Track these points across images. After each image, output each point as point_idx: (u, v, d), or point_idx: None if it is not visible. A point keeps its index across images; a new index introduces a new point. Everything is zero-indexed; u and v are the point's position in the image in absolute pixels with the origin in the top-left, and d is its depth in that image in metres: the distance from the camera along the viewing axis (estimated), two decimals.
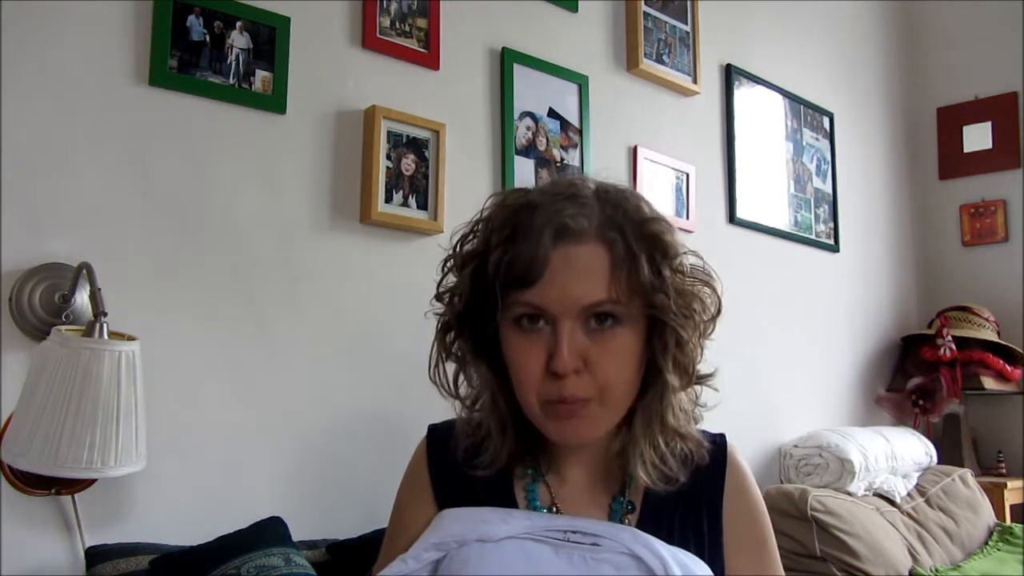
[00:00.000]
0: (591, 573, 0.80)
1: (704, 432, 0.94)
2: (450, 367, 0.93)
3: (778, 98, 2.79)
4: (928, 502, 2.59)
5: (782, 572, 0.93)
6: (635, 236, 0.82)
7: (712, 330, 0.89)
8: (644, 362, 0.84)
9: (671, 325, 0.82)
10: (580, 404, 0.80)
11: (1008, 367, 3.00)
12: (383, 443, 1.59)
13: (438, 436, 0.96)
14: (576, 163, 2.05)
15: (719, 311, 0.89)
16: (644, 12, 2.27)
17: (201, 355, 1.41)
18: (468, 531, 0.83)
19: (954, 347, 2.93)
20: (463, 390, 0.92)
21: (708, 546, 0.89)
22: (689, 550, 0.86)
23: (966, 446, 3.08)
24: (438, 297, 0.91)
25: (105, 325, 1.17)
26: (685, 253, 0.88)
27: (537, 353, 0.80)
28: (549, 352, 0.79)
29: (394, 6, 1.73)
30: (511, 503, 0.90)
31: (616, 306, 0.80)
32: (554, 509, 0.89)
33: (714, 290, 0.89)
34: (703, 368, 0.88)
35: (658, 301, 0.82)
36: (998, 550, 2.58)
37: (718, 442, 0.95)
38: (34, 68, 1.28)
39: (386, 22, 1.72)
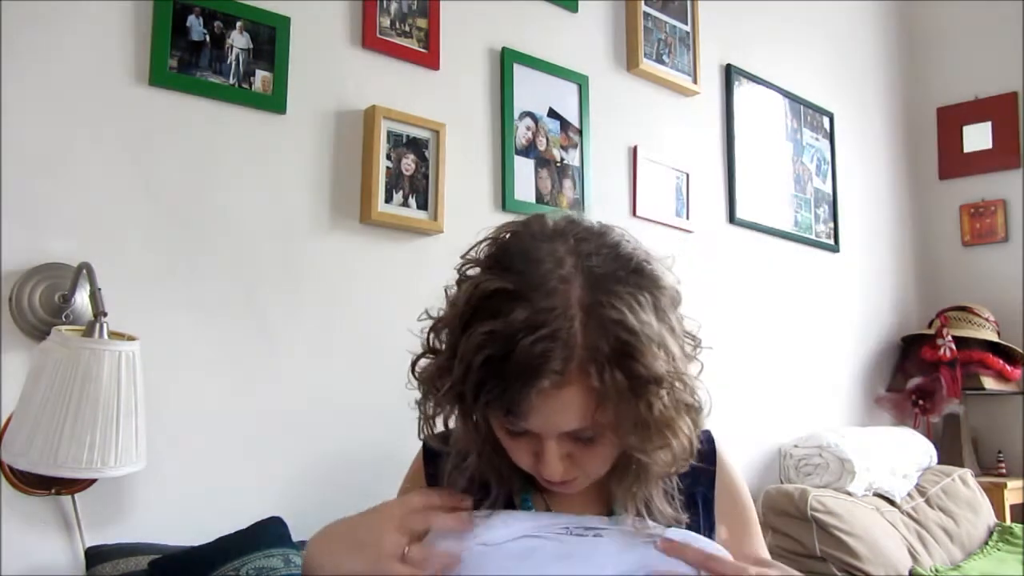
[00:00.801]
0: (592, 552, 0.80)
1: None
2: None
3: (778, 98, 2.79)
4: (928, 502, 2.59)
5: (766, 552, 0.96)
6: (616, 367, 0.76)
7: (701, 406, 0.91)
8: None
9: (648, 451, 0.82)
10: (568, 483, 0.83)
11: (1008, 367, 3.00)
12: (383, 443, 1.59)
13: (433, 454, 0.93)
14: (576, 163, 2.05)
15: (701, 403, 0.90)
16: (644, 12, 2.27)
17: (201, 355, 1.41)
18: (469, 536, 0.83)
19: (954, 347, 2.93)
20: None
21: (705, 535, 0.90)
22: None
23: (966, 446, 3.08)
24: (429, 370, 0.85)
25: (105, 325, 1.17)
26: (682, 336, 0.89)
27: (526, 450, 0.82)
28: (536, 453, 0.81)
29: (394, 6, 1.73)
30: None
31: (596, 427, 0.79)
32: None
33: (697, 370, 0.91)
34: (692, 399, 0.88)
35: (639, 428, 0.79)
36: (998, 550, 2.58)
37: (706, 439, 0.97)
38: (34, 68, 1.28)
39: (386, 22, 1.72)
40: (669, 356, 0.80)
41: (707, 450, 0.95)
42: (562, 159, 2.02)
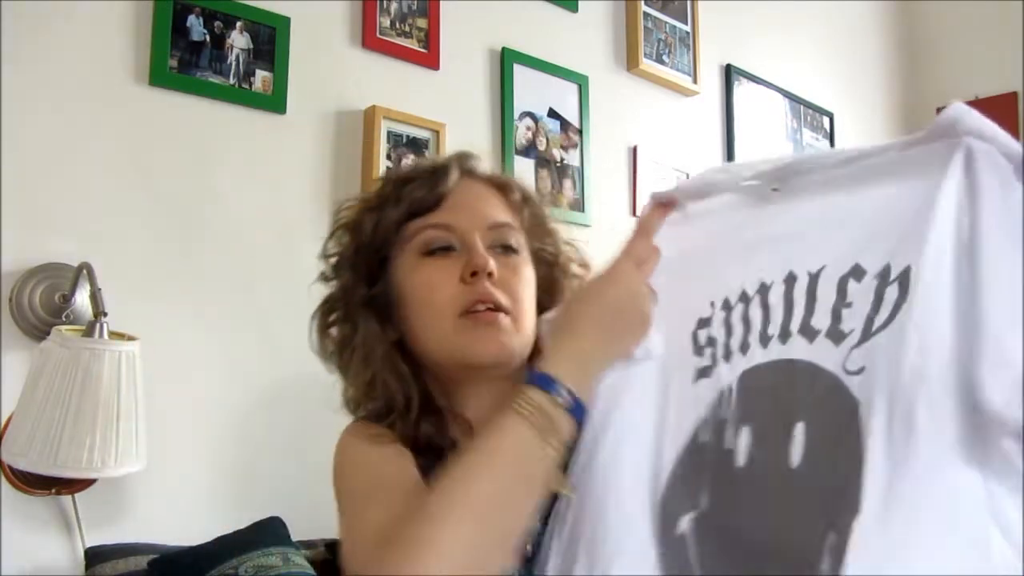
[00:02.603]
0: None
1: None
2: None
3: (778, 98, 2.79)
4: None
5: None
6: (524, 191, 0.89)
7: None
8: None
9: (559, 278, 0.88)
10: (497, 313, 0.80)
11: None
12: None
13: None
14: (576, 163, 2.05)
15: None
16: (644, 12, 2.27)
17: (201, 355, 1.41)
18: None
19: None
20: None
21: None
22: None
23: None
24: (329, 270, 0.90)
25: (105, 325, 1.17)
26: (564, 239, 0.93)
27: (450, 271, 0.80)
28: (462, 267, 0.80)
29: (394, 6, 1.73)
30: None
31: (518, 234, 0.85)
32: None
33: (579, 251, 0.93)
34: None
35: (548, 249, 0.88)
36: None
37: None
38: (34, 68, 1.28)
39: (386, 22, 1.72)
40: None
41: None
42: (562, 159, 2.02)
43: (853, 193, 0.64)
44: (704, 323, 0.73)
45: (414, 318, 0.82)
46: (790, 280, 0.66)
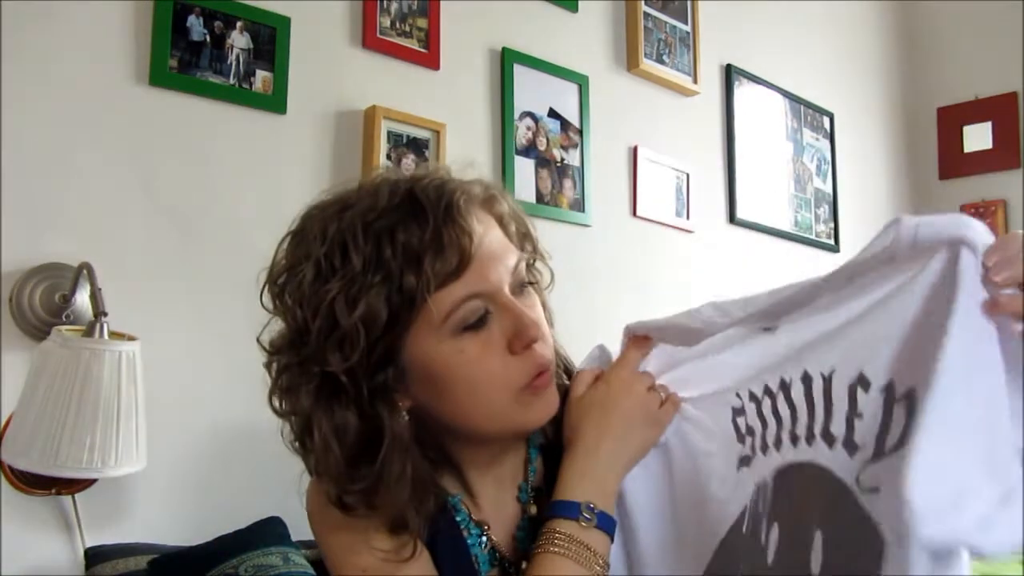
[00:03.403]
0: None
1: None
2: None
3: (778, 98, 2.79)
4: None
5: None
6: (498, 193, 0.80)
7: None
8: None
9: (540, 272, 0.83)
10: (549, 372, 0.76)
11: None
12: None
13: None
14: (576, 163, 2.05)
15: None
16: (644, 12, 2.27)
17: (201, 355, 1.41)
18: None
19: None
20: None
21: None
22: None
23: None
24: (293, 364, 0.76)
25: (105, 325, 1.17)
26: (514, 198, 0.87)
27: (494, 344, 0.72)
28: (507, 333, 0.72)
29: (394, 6, 1.73)
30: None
31: (523, 262, 0.77)
32: (486, 528, 0.84)
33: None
34: None
35: (535, 243, 0.82)
36: None
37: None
38: (35, 68, 1.28)
39: (386, 22, 1.72)
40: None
41: None
42: (562, 159, 2.02)
43: (846, 306, 0.65)
44: (738, 412, 0.74)
45: (455, 402, 0.74)
46: (807, 380, 0.67)
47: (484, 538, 0.84)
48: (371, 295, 0.69)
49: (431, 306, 0.69)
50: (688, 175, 2.37)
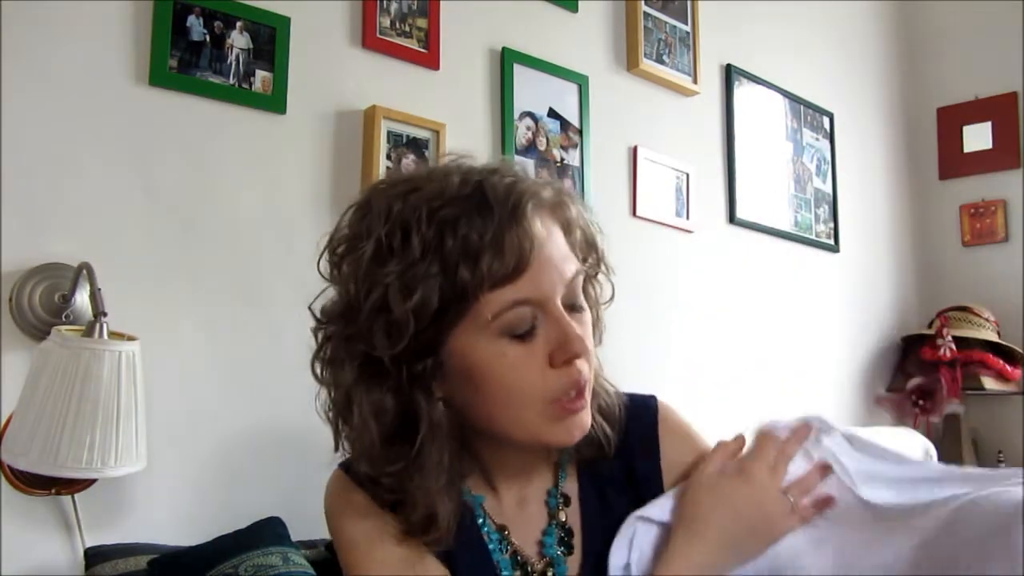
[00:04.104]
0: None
1: (632, 395, 0.89)
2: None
3: (778, 98, 2.79)
4: None
5: None
6: (568, 198, 0.79)
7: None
8: None
9: (601, 285, 0.83)
10: (584, 395, 0.75)
11: (1008, 367, 3.00)
12: None
13: (356, 473, 0.83)
14: (576, 163, 2.05)
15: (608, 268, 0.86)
16: (644, 12, 2.27)
17: (201, 355, 1.41)
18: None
19: (954, 347, 2.93)
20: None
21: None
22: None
23: (966, 446, 3.08)
24: (341, 338, 0.75)
25: (105, 325, 1.17)
26: (589, 207, 0.85)
27: (537, 354, 0.72)
28: (552, 344, 0.72)
29: (394, 6, 1.73)
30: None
31: (582, 279, 0.77)
32: (506, 532, 0.84)
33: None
34: None
35: (599, 253, 0.82)
36: None
37: (646, 405, 0.89)
38: (34, 68, 1.28)
39: (386, 22, 1.72)
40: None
41: (646, 415, 0.88)
42: (562, 159, 2.02)
43: None
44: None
45: (489, 402, 0.74)
46: None
47: (505, 543, 0.83)
48: (426, 285, 0.68)
49: (481, 304, 0.69)
50: (688, 175, 2.37)
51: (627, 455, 0.85)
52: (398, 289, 0.69)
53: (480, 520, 0.83)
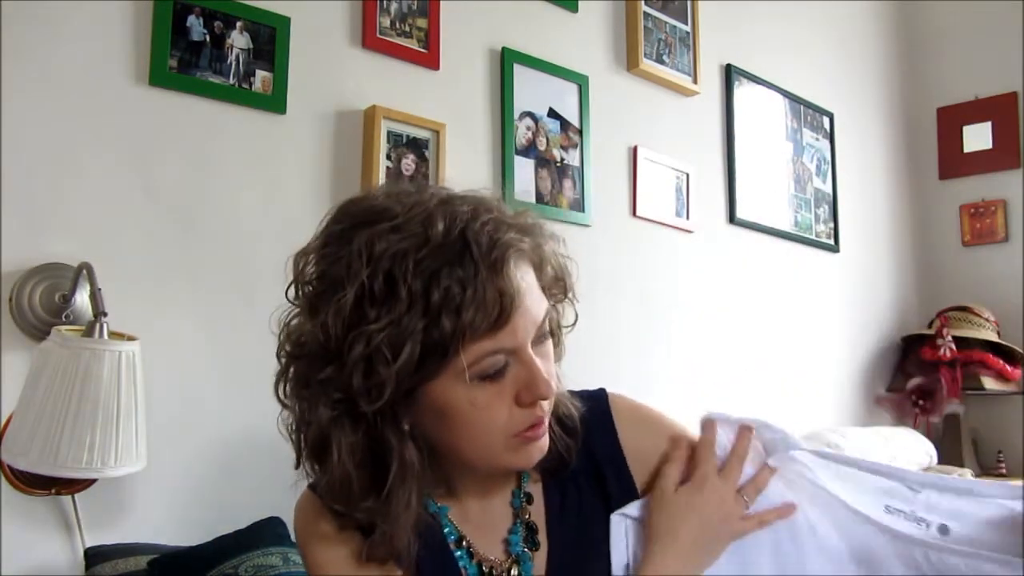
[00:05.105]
0: None
1: (582, 391, 0.91)
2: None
3: (778, 98, 2.79)
4: None
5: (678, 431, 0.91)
6: (541, 238, 0.79)
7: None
8: None
9: (561, 304, 0.84)
10: (543, 424, 0.78)
11: (1008, 367, 3.00)
12: None
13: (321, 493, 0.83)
14: (576, 163, 2.05)
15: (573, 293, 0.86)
16: (644, 12, 2.27)
17: (201, 355, 1.41)
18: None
19: (954, 347, 2.93)
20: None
21: (618, 504, 0.87)
22: (600, 518, 0.85)
23: (966, 446, 3.08)
24: (318, 379, 0.75)
25: (105, 325, 1.17)
26: (559, 240, 0.85)
27: (505, 394, 0.74)
28: (519, 384, 0.74)
29: (394, 6, 1.73)
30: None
31: (550, 314, 0.78)
32: (463, 541, 0.85)
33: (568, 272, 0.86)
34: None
35: (567, 287, 0.83)
36: None
37: (597, 397, 0.91)
38: (34, 68, 1.28)
39: (386, 22, 1.72)
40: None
41: (598, 407, 0.89)
42: (562, 159, 2.02)
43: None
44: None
45: (454, 437, 0.76)
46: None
47: (471, 549, 0.85)
48: (412, 341, 0.68)
49: (460, 355, 0.70)
50: (688, 175, 2.37)
51: (586, 445, 0.87)
52: (386, 346, 0.69)
53: (447, 529, 0.85)
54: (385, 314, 0.69)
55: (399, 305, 0.68)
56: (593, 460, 0.88)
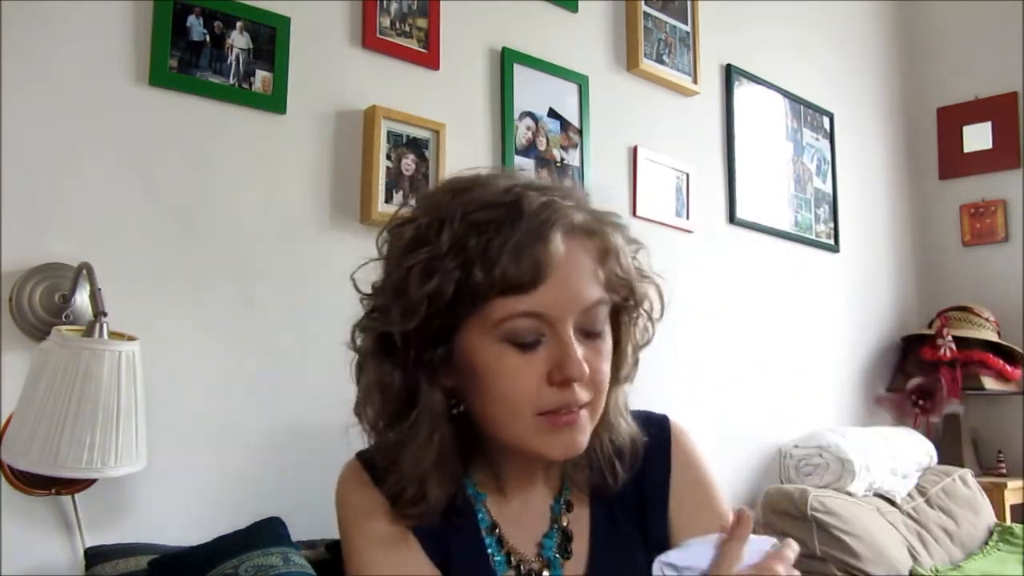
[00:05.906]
0: None
1: (646, 414, 0.91)
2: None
3: (778, 98, 2.79)
4: (928, 502, 2.59)
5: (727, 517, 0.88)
6: (612, 229, 0.82)
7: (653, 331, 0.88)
8: None
9: (638, 317, 0.85)
10: (579, 412, 0.77)
11: (1008, 367, 3.00)
12: None
13: (371, 464, 0.87)
14: (576, 163, 2.05)
15: (661, 314, 0.88)
16: (644, 12, 2.27)
17: (201, 355, 1.41)
18: None
19: (954, 347, 2.93)
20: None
21: (655, 536, 0.86)
22: (638, 542, 0.85)
23: (966, 446, 3.08)
24: (369, 311, 0.81)
25: (105, 325, 1.17)
26: (641, 247, 0.88)
27: (537, 367, 0.75)
28: (551, 363, 0.75)
29: (394, 6, 1.73)
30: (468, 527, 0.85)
31: (606, 308, 0.79)
32: (496, 530, 0.86)
33: (659, 292, 0.88)
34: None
35: (635, 292, 0.84)
36: (998, 550, 2.58)
37: (660, 425, 0.91)
38: (34, 68, 1.28)
39: (386, 22, 1.72)
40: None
41: (660, 436, 0.90)
42: (562, 159, 2.02)
43: None
44: None
45: (485, 402, 0.78)
46: None
47: (502, 540, 0.86)
48: (444, 276, 0.73)
49: (491, 307, 0.73)
50: (688, 175, 2.37)
51: (639, 472, 0.87)
52: (419, 274, 0.74)
53: (480, 515, 0.86)
54: (427, 252, 0.74)
55: (440, 246, 0.73)
56: (641, 488, 0.88)
